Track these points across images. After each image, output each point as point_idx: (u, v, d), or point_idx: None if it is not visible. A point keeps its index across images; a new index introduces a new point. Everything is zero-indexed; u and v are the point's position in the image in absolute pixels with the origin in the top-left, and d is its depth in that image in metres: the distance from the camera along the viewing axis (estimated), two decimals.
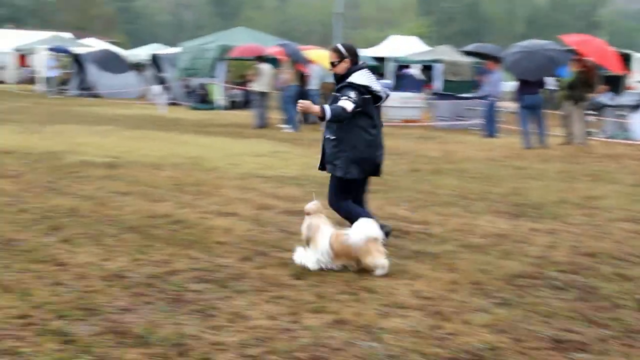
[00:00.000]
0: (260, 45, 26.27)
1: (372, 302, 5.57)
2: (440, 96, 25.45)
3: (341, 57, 6.80)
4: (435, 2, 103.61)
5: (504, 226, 8.41)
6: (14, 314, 5.04)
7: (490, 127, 19.83)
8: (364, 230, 6.22)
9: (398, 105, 25.18)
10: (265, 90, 21.39)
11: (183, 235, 7.53)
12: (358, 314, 5.27)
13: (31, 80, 43.13)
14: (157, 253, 6.81)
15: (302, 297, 5.65)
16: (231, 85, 30.01)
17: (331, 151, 6.85)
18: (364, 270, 6.27)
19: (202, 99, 30.39)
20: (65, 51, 38.91)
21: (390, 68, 35.31)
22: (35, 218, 8.13)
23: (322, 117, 6.62)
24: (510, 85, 23.93)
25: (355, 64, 6.82)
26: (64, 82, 38.24)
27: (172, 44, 52.37)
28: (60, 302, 5.31)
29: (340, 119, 6.62)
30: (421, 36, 53.65)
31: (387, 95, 6.96)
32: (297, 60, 21.02)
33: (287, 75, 20.63)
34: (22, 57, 49.79)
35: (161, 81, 32.97)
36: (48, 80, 38.03)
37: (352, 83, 6.66)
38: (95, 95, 35.32)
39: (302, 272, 6.25)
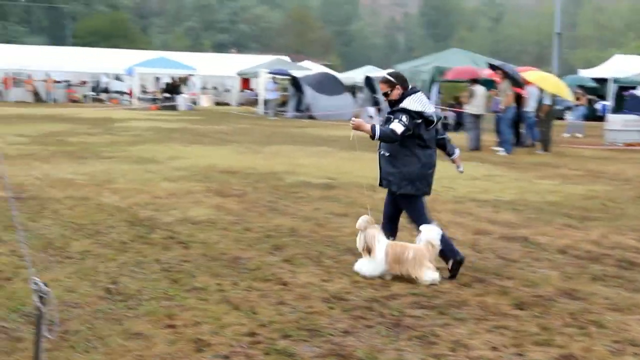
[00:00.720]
0: (475, 66, 25.98)
1: (602, 337, 5.27)
2: None
3: (392, 86, 7.08)
4: None
5: None
6: (242, 332, 5.24)
7: None
8: (426, 234, 6.64)
9: (620, 128, 24.02)
10: (479, 113, 21.07)
11: None
12: (587, 349, 5.01)
13: (253, 103, 45.12)
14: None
15: (525, 327, 5.45)
16: (443, 107, 29.85)
17: (386, 167, 7.15)
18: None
19: None
20: (285, 74, 40.43)
21: (611, 89, 33.75)
22: (258, 237, 8.44)
23: (372, 137, 6.87)
24: None
25: (406, 89, 7.08)
26: (282, 104, 39.67)
27: (384, 66, 53.08)
28: (285, 322, 5.45)
29: (389, 140, 6.93)
30: None
31: (439, 119, 7.21)
32: (516, 82, 20.50)
33: (507, 96, 20.10)
34: (245, 81, 52.45)
35: (375, 103, 33.39)
36: (267, 102, 39.61)
37: (404, 108, 6.93)
38: (311, 117, 36.29)
39: (524, 302, 6.05)
